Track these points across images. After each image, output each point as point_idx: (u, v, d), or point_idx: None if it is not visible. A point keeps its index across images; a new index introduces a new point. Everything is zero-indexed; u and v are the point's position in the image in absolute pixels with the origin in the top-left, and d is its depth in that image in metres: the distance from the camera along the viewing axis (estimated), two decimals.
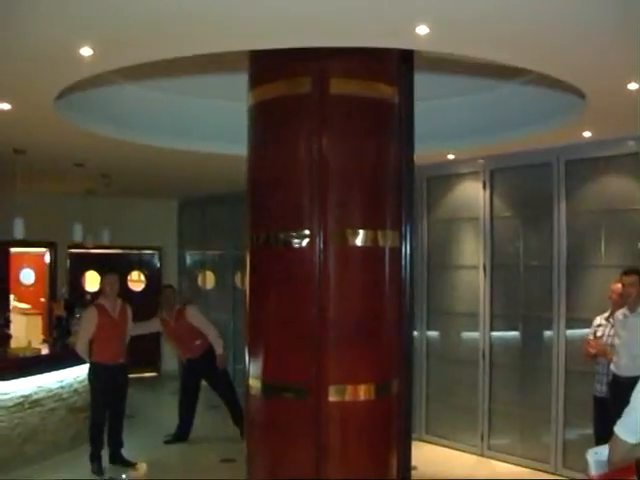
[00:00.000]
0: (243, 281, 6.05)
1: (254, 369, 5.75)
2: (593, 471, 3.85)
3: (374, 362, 5.61)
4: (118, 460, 8.11)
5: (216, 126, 7.82)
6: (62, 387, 8.46)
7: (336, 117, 5.51)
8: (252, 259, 5.83)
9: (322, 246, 5.40)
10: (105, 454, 8.04)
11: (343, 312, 5.47)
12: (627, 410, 3.24)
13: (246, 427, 5.90)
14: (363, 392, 5.53)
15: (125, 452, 8.25)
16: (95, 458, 7.83)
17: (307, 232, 5.43)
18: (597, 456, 3.80)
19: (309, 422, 5.44)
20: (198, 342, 9.25)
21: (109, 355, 7.86)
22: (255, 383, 5.73)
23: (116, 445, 8.14)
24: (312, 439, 5.44)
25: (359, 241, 5.51)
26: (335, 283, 5.45)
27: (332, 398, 5.43)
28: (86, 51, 4.39)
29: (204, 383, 9.85)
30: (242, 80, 5.84)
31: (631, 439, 3.20)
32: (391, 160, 5.76)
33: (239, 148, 6.10)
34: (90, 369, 7.97)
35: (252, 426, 5.84)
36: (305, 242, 5.44)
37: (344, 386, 5.48)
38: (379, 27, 4.09)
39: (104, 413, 7.98)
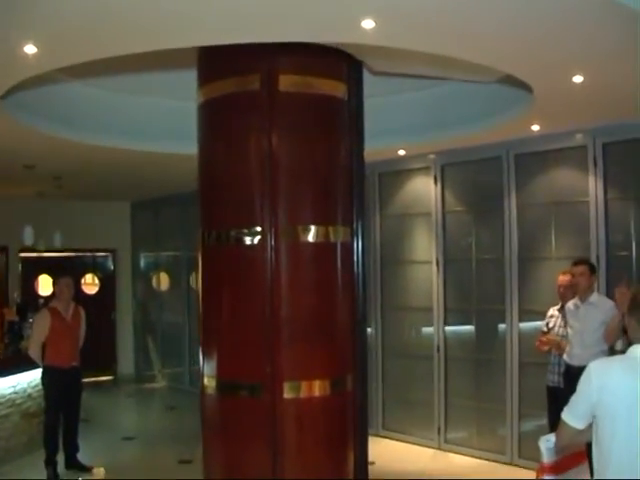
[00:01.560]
0: (197, 281, 6.00)
1: (208, 368, 5.74)
2: (545, 458, 3.92)
3: (328, 358, 5.61)
4: (74, 465, 7.99)
5: (167, 126, 7.76)
6: (15, 392, 8.33)
7: (285, 114, 5.52)
8: (204, 257, 5.82)
9: (273, 243, 5.41)
10: (61, 459, 7.92)
11: (296, 308, 5.48)
12: (574, 397, 3.29)
13: (202, 426, 5.86)
14: (318, 388, 5.55)
15: (81, 456, 8.14)
16: (50, 463, 7.70)
17: (258, 229, 5.44)
18: (549, 443, 3.87)
19: (264, 419, 5.44)
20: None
21: (62, 358, 7.75)
22: (209, 382, 5.71)
23: (72, 449, 8.03)
24: (268, 436, 5.44)
25: (310, 237, 5.52)
26: (287, 280, 5.46)
27: (287, 395, 5.44)
28: (30, 49, 4.33)
29: None
30: (193, 78, 5.81)
31: (577, 424, 3.25)
32: (341, 156, 5.79)
33: (190, 147, 6.07)
34: (43, 372, 7.85)
35: (208, 425, 5.82)
36: (256, 239, 5.44)
37: (299, 382, 5.49)
38: (325, 22, 4.10)
39: (58, 417, 7.86)
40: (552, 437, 3.85)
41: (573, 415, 3.28)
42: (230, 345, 5.62)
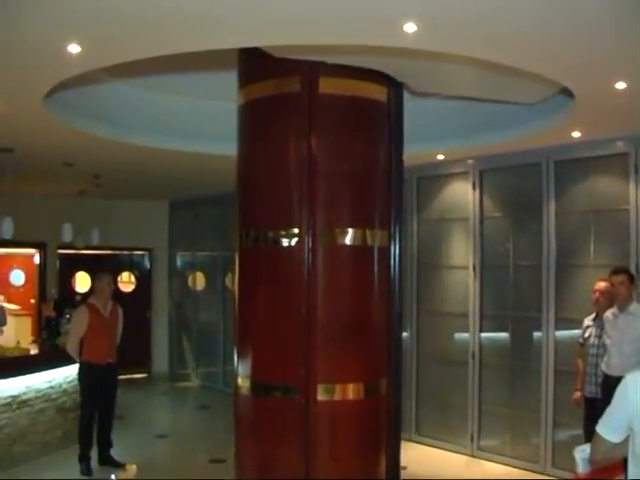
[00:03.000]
0: (233, 281, 6.03)
1: (243, 368, 5.75)
2: (580, 469, 3.86)
3: (363, 361, 5.61)
4: (107, 461, 8.05)
5: (208, 126, 7.81)
6: (51, 387, 8.42)
7: (325, 116, 5.53)
8: (241, 258, 5.84)
9: (311, 245, 5.41)
10: (94, 454, 7.99)
11: (331, 311, 5.48)
12: (609, 409, 3.23)
13: (235, 426, 5.88)
14: (352, 391, 5.54)
15: (114, 452, 8.21)
16: (84, 458, 7.77)
17: (296, 231, 5.44)
18: (584, 454, 3.80)
19: (298, 421, 5.44)
20: None
21: (99, 355, 7.82)
22: (244, 382, 5.72)
23: (105, 445, 8.09)
24: (301, 438, 5.44)
25: (348, 240, 5.52)
26: (324, 282, 5.46)
27: (321, 397, 5.44)
28: (74, 48, 4.38)
29: None
30: (234, 79, 5.84)
31: (613, 438, 3.18)
32: (380, 159, 5.78)
33: (229, 148, 6.11)
34: (80, 368, 7.92)
35: (241, 425, 5.83)
36: (294, 241, 5.45)
37: (333, 385, 5.48)
38: (367, 25, 4.09)
39: (93, 413, 7.94)
40: (587, 447, 3.78)
41: (608, 428, 3.21)
42: (265, 346, 5.62)
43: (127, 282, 14.72)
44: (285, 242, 5.49)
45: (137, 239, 14.11)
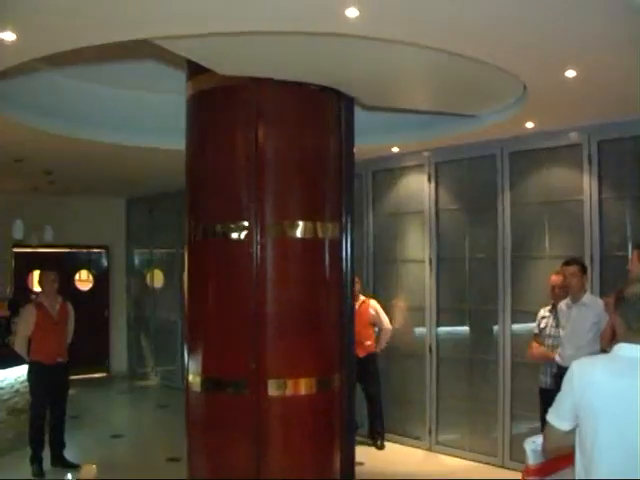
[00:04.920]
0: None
1: (193, 364, 5.68)
2: (530, 460, 3.82)
3: (314, 355, 5.56)
4: (60, 462, 7.91)
5: (162, 121, 7.66)
6: (2, 388, 8.26)
7: (273, 108, 5.46)
8: (190, 252, 5.76)
9: (260, 238, 5.34)
10: (47, 456, 7.84)
11: (282, 305, 5.42)
12: (558, 397, 3.19)
13: (187, 424, 5.79)
14: (304, 386, 5.48)
15: (70, 452, 8.07)
16: (35, 460, 7.63)
17: (245, 224, 5.36)
18: (534, 445, 3.77)
19: (249, 417, 5.38)
20: None
21: (48, 354, 7.66)
22: (195, 379, 5.64)
23: (58, 446, 7.94)
24: (252, 434, 5.37)
25: (298, 233, 5.46)
26: (273, 276, 5.39)
27: (272, 392, 5.37)
28: (8, 36, 4.23)
29: None
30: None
31: (563, 426, 3.15)
32: (330, 152, 5.74)
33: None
34: (29, 368, 7.76)
35: (192, 422, 5.75)
36: (243, 234, 5.36)
37: (284, 380, 5.41)
38: (308, 10, 3.99)
39: (44, 413, 7.78)
40: (538, 439, 3.75)
41: (558, 416, 3.19)
42: (215, 341, 5.56)
43: (84, 280, 14.52)
44: (234, 235, 5.41)
45: (94, 237, 13.90)
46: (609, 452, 2.95)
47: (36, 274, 13.72)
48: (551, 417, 3.22)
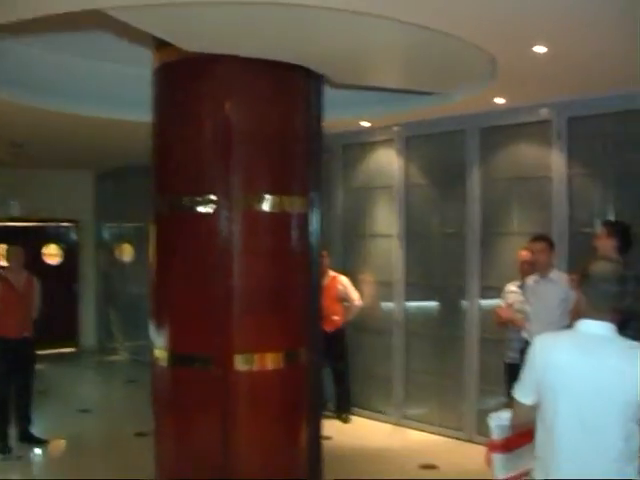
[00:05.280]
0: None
1: (159, 339, 5.60)
2: (494, 435, 3.84)
3: (281, 330, 5.51)
4: (27, 437, 7.87)
5: (131, 92, 7.52)
6: None
7: (241, 81, 5.37)
8: (156, 226, 5.67)
9: (227, 212, 5.27)
10: (13, 432, 7.79)
11: (248, 279, 5.35)
12: (522, 372, 3.21)
13: (153, 399, 5.74)
14: (271, 361, 5.43)
15: (37, 428, 8.05)
16: (1, 436, 7.59)
17: (212, 197, 5.29)
18: (498, 420, 3.79)
19: (216, 392, 5.33)
20: None
21: (13, 329, 7.60)
22: (161, 354, 5.58)
23: (24, 422, 7.90)
24: (219, 409, 5.33)
25: (265, 207, 5.38)
26: (240, 250, 5.32)
27: (239, 367, 5.33)
28: None
29: None
30: None
31: (527, 400, 3.18)
32: (299, 126, 5.66)
33: None
34: None
35: (159, 398, 5.70)
36: (210, 208, 5.30)
37: (251, 355, 5.37)
38: None
39: (9, 389, 7.72)
40: (502, 414, 3.77)
41: (522, 391, 3.22)
42: (181, 315, 5.48)
43: (53, 254, 14.38)
44: (201, 209, 5.33)
45: (63, 210, 13.76)
46: (567, 426, 2.97)
47: (1, 248, 13.61)
48: (516, 392, 3.25)
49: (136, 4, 4.19)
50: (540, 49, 5.24)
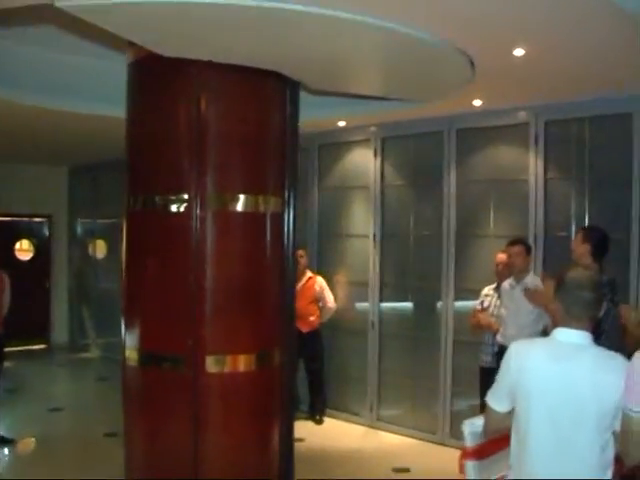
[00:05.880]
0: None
1: (131, 339, 5.55)
2: (468, 442, 3.81)
3: (254, 331, 5.47)
4: None
5: (106, 87, 7.43)
6: None
7: (216, 80, 5.31)
8: (128, 223, 5.61)
9: (199, 211, 5.22)
10: None
11: (221, 280, 5.32)
12: (496, 379, 3.18)
13: (123, 399, 5.67)
14: (243, 363, 5.39)
15: (5, 427, 7.95)
16: None
17: (185, 196, 5.24)
18: (472, 427, 3.78)
19: (186, 393, 5.28)
20: None
21: None
22: (132, 354, 5.52)
23: None
24: (190, 411, 5.27)
25: (239, 206, 5.35)
26: (213, 249, 5.29)
27: (211, 369, 5.28)
28: None
29: None
30: None
31: (501, 407, 3.15)
32: (274, 126, 5.64)
33: None
34: None
35: (129, 398, 5.63)
36: (183, 206, 5.24)
37: (223, 356, 5.32)
38: None
39: None
40: (476, 421, 3.76)
41: (495, 398, 3.19)
42: (152, 315, 5.44)
43: (25, 250, 14.21)
44: (174, 208, 5.28)
45: (36, 205, 13.59)
46: (540, 436, 2.95)
47: None
48: (489, 399, 3.22)
49: (101, 3, 4.08)
50: (519, 52, 5.20)
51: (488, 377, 6.48)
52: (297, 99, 5.83)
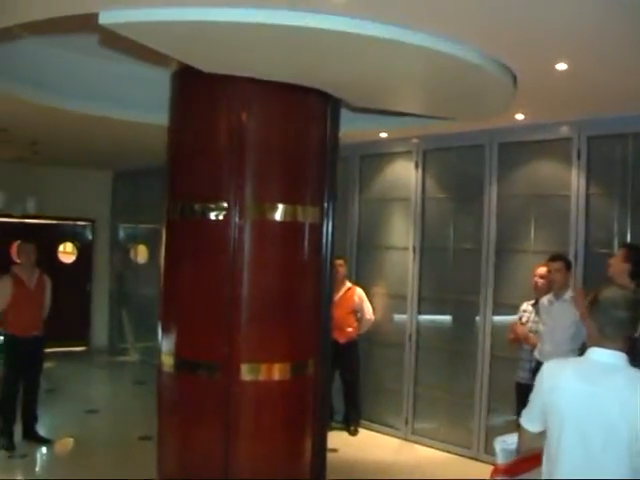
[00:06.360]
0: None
1: (167, 344, 5.59)
2: (499, 459, 3.78)
3: (290, 341, 5.48)
4: (31, 435, 7.85)
5: (151, 95, 7.52)
6: None
7: (258, 91, 5.33)
8: (168, 230, 5.66)
9: (238, 219, 5.25)
10: (19, 429, 7.77)
11: (258, 288, 5.34)
12: (530, 398, 3.14)
13: (158, 404, 5.72)
14: (278, 371, 5.40)
15: (43, 427, 8.03)
16: (6, 433, 7.56)
17: (224, 204, 5.26)
18: (504, 444, 3.74)
19: (220, 401, 5.31)
20: None
21: (23, 327, 7.57)
22: (167, 359, 5.56)
23: (30, 420, 7.88)
24: (223, 418, 5.30)
25: (277, 216, 5.37)
26: (250, 258, 5.30)
27: (245, 377, 5.30)
28: None
29: None
30: None
31: (533, 427, 3.11)
32: (314, 136, 5.66)
33: None
34: (4, 341, 7.69)
35: (163, 403, 5.68)
36: (221, 215, 5.27)
37: (258, 365, 5.34)
38: None
39: (17, 387, 7.69)
40: (508, 438, 3.72)
41: (528, 418, 3.16)
42: (189, 322, 5.48)
43: (69, 253, 14.39)
44: (212, 215, 5.32)
45: (80, 209, 13.73)
46: (571, 456, 2.89)
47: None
48: (523, 419, 3.20)
49: (146, 21, 4.13)
50: (561, 66, 5.17)
51: (524, 393, 6.43)
52: (338, 112, 5.85)
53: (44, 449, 7.75)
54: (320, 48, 4.53)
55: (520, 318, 7.00)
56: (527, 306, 7.01)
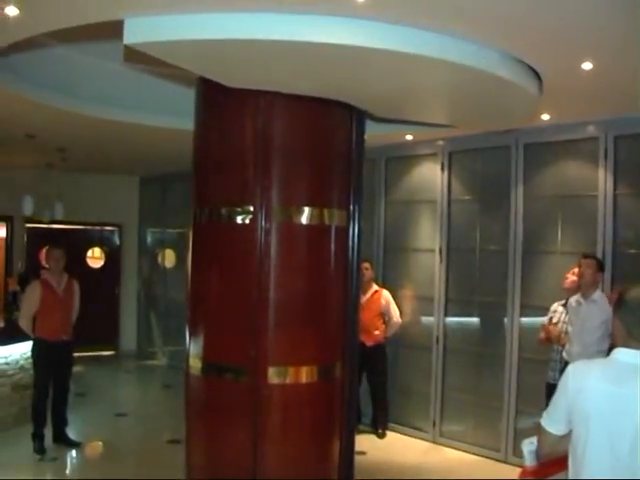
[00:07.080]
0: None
1: (194, 348, 5.63)
2: (527, 461, 3.75)
3: (317, 344, 5.49)
4: (62, 439, 7.89)
5: (178, 101, 7.57)
6: (7, 364, 8.22)
7: (283, 96, 5.34)
8: (195, 235, 5.70)
9: (265, 223, 5.27)
10: (49, 433, 7.83)
11: (285, 292, 5.36)
12: (552, 400, 3.10)
13: (186, 407, 5.75)
14: (305, 374, 5.42)
15: (73, 430, 8.08)
16: (37, 436, 7.62)
17: (250, 208, 5.29)
18: (531, 446, 3.70)
19: (248, 404, 5.33)
20: None
21: (52, 331, 7.62)
22: (195, 362, 5.60)
23: (60, 423, 7.92)
24: (251, 421, 5.32)
25: (304, 219, 5.39)
26: (277, 261, 5.32)
27: (272, 380, 5.32)
28: (11, 10, 4.15)
29: None
30: None
31: (556, 430, 3.06)
32: (339, 140, 5.67)
33: None
34: (33, 345, 7.73)
35: (191, 406, 5.71)
36: (248, 218, 5.29)
37: (285, 368, 5.36)
38: None
39: (47, 391, 7.75)
40: (536, 439, 3.68)
41: (550, 420, 3.09)
42: (217, 326, 5.52)
43: (97, 258, 14.49)
44: (239, 220, 5.35)
45: (107, 214, 13.86)
46: (598, 459, 2.84)
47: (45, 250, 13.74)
48: (544, 421, 3.13)
49: (168, 40, 4.20)
50: (587, 65, 5.14)
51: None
52: (364, 116, 5.86)
53: (74, 452, 7.79)
54: (342, 64, 4.55)
55: (550, 318, 6.95)
56: (557, 306, 6.96)
